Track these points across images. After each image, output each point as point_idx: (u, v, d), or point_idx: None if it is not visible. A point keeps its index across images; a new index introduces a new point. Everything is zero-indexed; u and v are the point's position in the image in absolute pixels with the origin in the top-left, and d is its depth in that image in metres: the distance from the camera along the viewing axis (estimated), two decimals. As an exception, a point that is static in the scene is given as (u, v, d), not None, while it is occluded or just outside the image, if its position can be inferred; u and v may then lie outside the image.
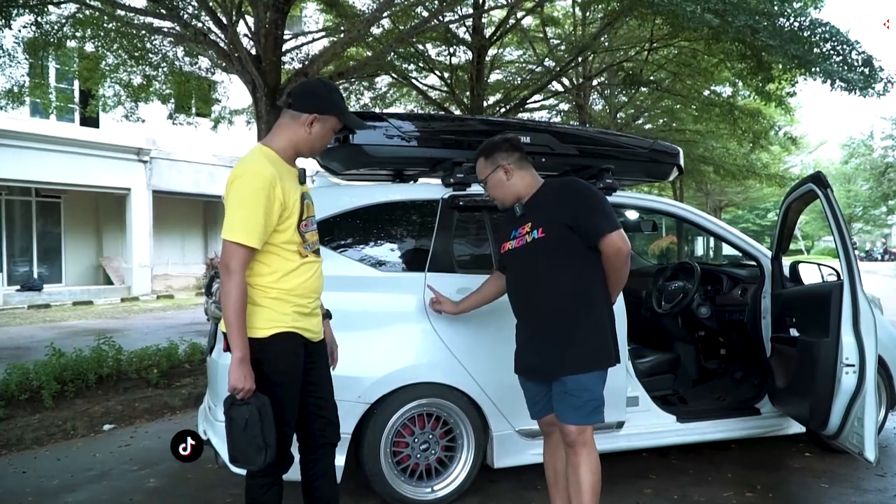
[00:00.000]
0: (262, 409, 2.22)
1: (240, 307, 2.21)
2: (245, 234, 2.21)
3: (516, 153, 2.77)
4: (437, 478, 3.38)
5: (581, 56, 12.23)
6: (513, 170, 2.74)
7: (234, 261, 2.21)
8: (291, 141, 2.40)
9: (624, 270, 2.64)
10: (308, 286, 2.41)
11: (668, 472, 3.91)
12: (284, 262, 2.35)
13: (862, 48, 7.17)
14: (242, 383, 2.19)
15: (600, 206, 2.59)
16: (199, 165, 18.99)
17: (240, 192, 2.23)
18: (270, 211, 2.25)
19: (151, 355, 6.39)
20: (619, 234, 2.55)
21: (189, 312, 13.87)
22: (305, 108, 2.38)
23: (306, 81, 2.51)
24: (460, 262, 3.56)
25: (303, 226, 2.39)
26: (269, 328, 2.31)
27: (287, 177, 2.35)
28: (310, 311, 2.44)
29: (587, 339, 2.58)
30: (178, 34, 7.94)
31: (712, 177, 20.01)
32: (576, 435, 2.59)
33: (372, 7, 9.60)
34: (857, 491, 3.61)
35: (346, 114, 2.48)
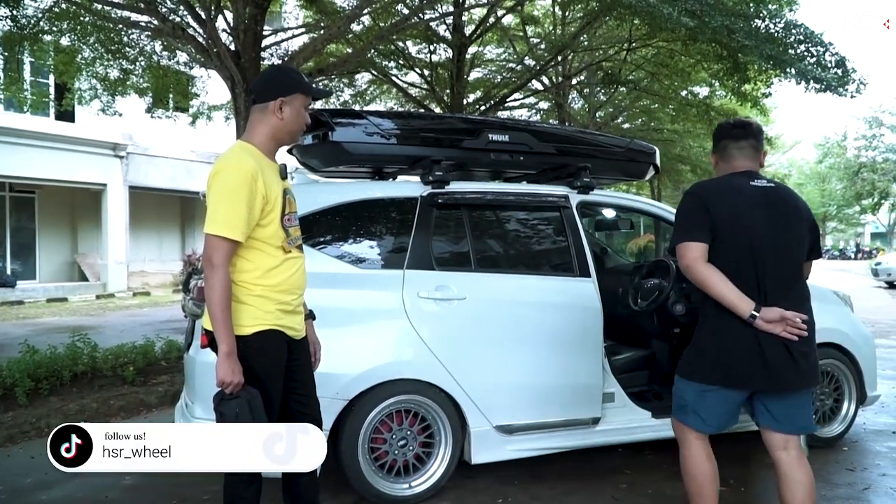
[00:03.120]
0: (251, 402, 2.22)
1: (224, 301, 2.21)
2: (228, 227, 2.21)
3: (723, 141, 2.74)
4: (414, 474, 3.40)
5: (560, 55, 12.31)
6: (719, 162, 2.77)
7: (217, 255, 2.21)
8: (268, 133, 2.41)
9: (696, 282, 2.55)
10: (292, 282, 2.42)
11: (642, 467, 3.96)
12: (268, 257, 2.35)
13: (835, 49, 7.32)
14: (230, 377, 2.20)
15: (675, 218, 2.68)
16: (176, 161, 18.80)
17: (221, 186, 2.24)
18: (253, 204, 2.26)
19: (127, 352, 6.33)
20: (680, 248, 2.56)
21: (166, 310, 13.75)
22: (269, 97, 2.39)
23: (261, 73, 2.52)
24: (439, 259, 3.57)
25: (286, 220, 2.39)
26: (252, 326, 2.31)
27: (269, 171, 2.36)
28: (293, 309, 2.45)
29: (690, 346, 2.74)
30: (156, 28, 7.86)
31: (689, 176, 20.27)
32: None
33: (352, 4, 9.60)
34: (828, 485, 3.68)
35: (309, 86, 2.48)
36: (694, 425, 2.70)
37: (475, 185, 3.88)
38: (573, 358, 3.68)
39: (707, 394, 2.62)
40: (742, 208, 2.52)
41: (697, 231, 2.52)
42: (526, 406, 3.58)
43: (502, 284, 3.66)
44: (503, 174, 4.46)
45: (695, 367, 2.65)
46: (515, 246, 4.12)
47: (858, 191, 44.37)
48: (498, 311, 3.58)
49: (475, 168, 4.03)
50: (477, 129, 3.84)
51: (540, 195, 3.93)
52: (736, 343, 2.50)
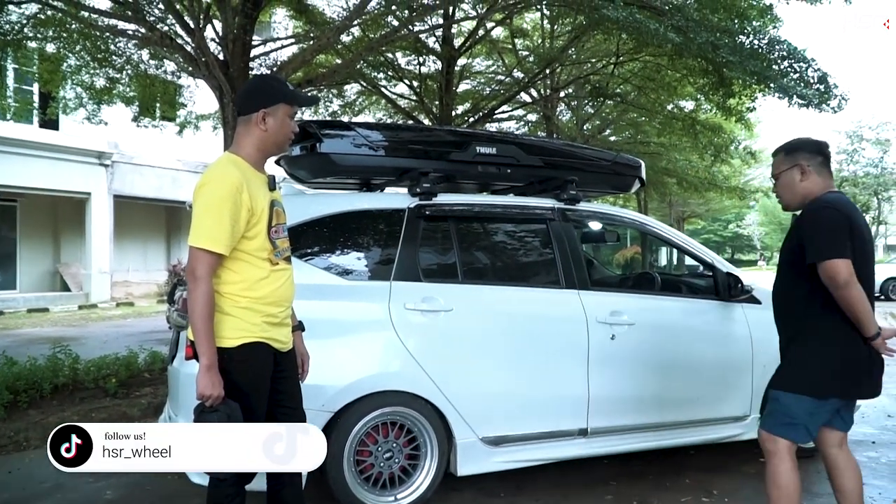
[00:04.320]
0: (232, 416, 2.21)
1: (207, 314, 2.20)
2: (211, 240, 2.21)
3: (819, 157, 2.71)
4: (400, 486, 3.38)
5: (549, 68, 12.41)
6: (809, 172, 2.70)
7: (200, 267, 2.21)
8: (254, 145, 2.40)
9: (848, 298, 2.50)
10: (279, 294, 2.40)
11: (628, 478, 3.97)
12: (254, 269, 2.34)
13: (817, 65, 7.43)
14: (210, 390, 2.19)
15: (818, 231, 2.57)
16: (162, 170, 18.70)
17: (206, 198, 2.24)
18: (237, 217, 2.25)
19: (110, 364, 6.26)
20: (833, 265, 2.49)
21: (150, 320, 13.63)
22: (252, 108, 2.39)
23: (244, 85, 2.52)
24: (426, 271, 3.58)
25: (273, 232, 2.38)
26: (237, 338, 2.30)
27: (255, 183, 2.35)
28: (280, 321, 2.43)
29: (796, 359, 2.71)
30: (144, 37, 7.84)
31: (675, 189, 20.42)
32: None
33: (342, 15, 9.63)
34: (809, 495, 3.70)
35: (292, 95, 2.47)
36: (799, 439, 2.72)
37: (463, 197, 3.90)
38: (559, 369, 3.69)
39: (822, 407, 2.66)
40: (866, 233, 2.63)
41: (845, 248, 2.50)
42: (512, 417, 3.58)
43: (489, 296, 3.67)
44: (490, 186, 4.48)
45: (812, 381, 2.63)
46: (502, 258, 4.14)
47: (841, 204, 44.77)
48: (485, 322, 3.59)
49: (463, 180, 4.05)
50: (464, 142, 3.87)
51: (527, 208, 3.94)
52: (857, 355, 2.60)
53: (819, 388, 2.62)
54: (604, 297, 3.91)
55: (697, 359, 4.06)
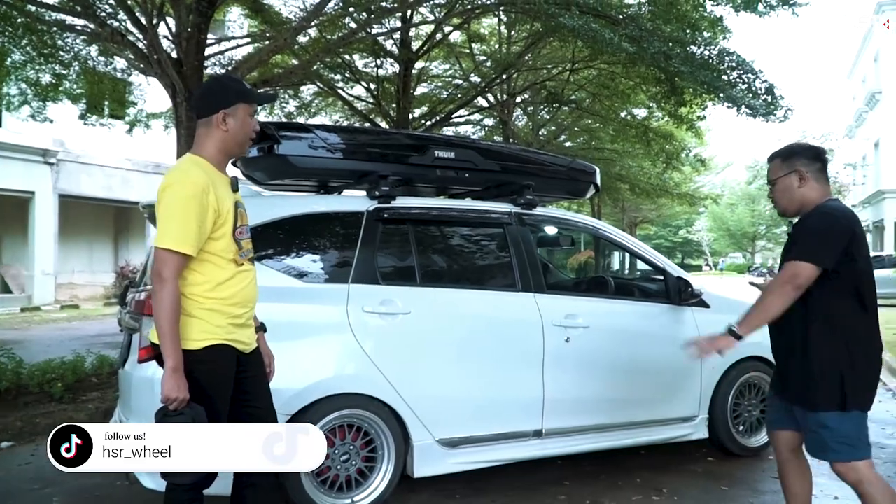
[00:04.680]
0: (196, 419, 2.19)
1: (173, 317, 2.19)
2: (178, 240, 2.19)
3: (817, 164, 2.66)
4: (357, 489, 3.38)
5: (506, 73, 12.53)
6: (808, 179, 2.64)
7: (166, 269, 2.19)
8: (215, 146, 2.39)
9: (783, 295, 2.52)
10: (244, 295, 2.40)
11: (581, 478, 4.04)
12: (219, 270, 2.33)
13: (765, 77, 7.69)
14: (176, 393, 2.17)
15: (810, 234, 2.54)
16: (111, 169, 18.24)
17: (171, 199, 2.22)
18: (204, 218, 2.24)
19: (55, 368, 6.08)
20: (797, 265, 2.48)
21: (96, 323, 13.27)
22: (211, 110, 2.38)
23: (201, 87, 2.49)
24: (384, 273, 3.59)
25: (238, 233, 2.38)
26: (202, 339, 2.29)
27: (220, 184, 2.35)
28: (244, 322, 2.43)
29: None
30: (93, 33, 7.64)
31: (628, 194, 20.85)
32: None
33: (299, 15, 9.56)
34: (755, 493, 3.84)
35: (250, 93, 2.48)
36: (869, 453, 2.52)
37: (421, 201, 3.92)
38: (515, 371, 3.74)
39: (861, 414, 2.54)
40: (864, 234, 2.61)
41: (829, 257, 2.47)
42: (469, 419, 3.61)
43: (447, 299, 3.70)
44: (448, 190, 4.52)
45: (860, 394, 2.49)
46: (460, 261, 4.18)
47: (786, 212, 46.28)
48: (442, 325, 3.62)
49: (421, 184, 4.07)
50: (423, 146, 3.89)
51: (485, 212, 3.99)
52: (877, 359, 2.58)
53: (866, 401, 2.50)
54: (559, 301, 3.97)
55: (649, 361, 4.15)
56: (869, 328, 2.53)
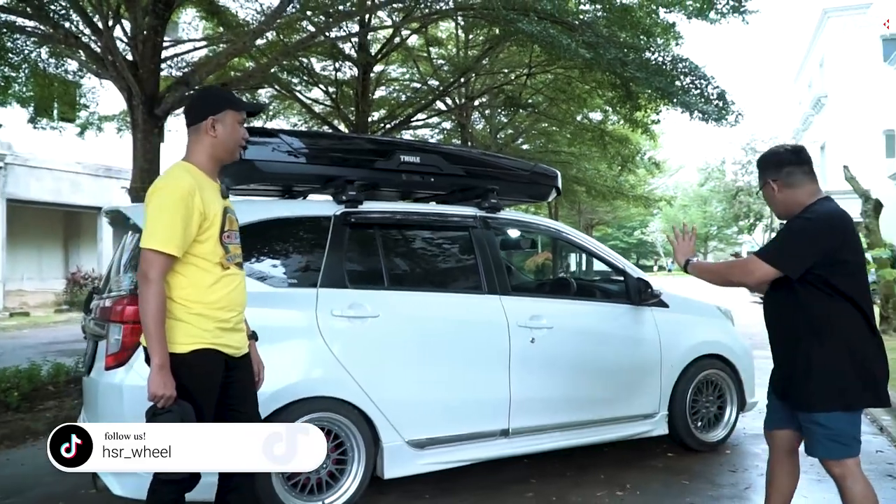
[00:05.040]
0: (184, 416, 2.22)
1: (159, 316, 2.23)
2: (163, 241, 2.24)
3: (786, 168, 2.62)
4: (327, 491, 3.39)
5: (464, 77, 12.64)
6: (781, 187, 2.63)
7: (152, 270, 2.23)
8: (206, 153, 2.45)
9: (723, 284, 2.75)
10: (231, 299, 2.43)
11: (547, 476, 4.13)
12: (205, 274, 2.37)
13: (717, 83, 7.95)
14: (163, 390, 2.20)
15: (783, 239, 2.58)
16: (61, 173, 17.77)
17: (158, 202, 2.28)
18: (189, 220, 2.29)
19: (10, 377, 5.94)
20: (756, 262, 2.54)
21: (48, 331, 12.93)
22: (199, 117, 2.45)
23: (190, 97, 2.53)
24: (352, 277, 3.61)
25: (225, 237, 2.43)
26: (189, 343, 2.32)
27: (208, 189, 2.40)
28: (232, 327, 2.45)
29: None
30: (45, 35, 7.48)
31: (584, 197, 21.20)
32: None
33: (258, 18, 9.49)
34: (713, 486, 3.97)
35: (239, 102, 2.56)
36: (858, 451, 2.53)
37: (388, 205, 3.96)
38: (482, 372, 3.81)
39: (858, 414, 2.56)
40: (857, 236, 2.59)
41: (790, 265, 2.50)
42: (437, 420, 3.67)
43: (414, 302, 3.75)
44: (412, 194, 4.57)
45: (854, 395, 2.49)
46: (427, 264, 4.24)
47: (736, 212, 47.64)
48: (410, 328, 3.66)
49: (387, 188, 4.11)
50: (389, 151, 3.93)
51: (450, 216, 4.05)
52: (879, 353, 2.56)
53: (851, 399, 2.50)
54: (524, 302, 4.05)
55: (611, 360, 4.27)
56: (863, 331, 2.52)
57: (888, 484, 3.90)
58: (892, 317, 10.83)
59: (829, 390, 2.48)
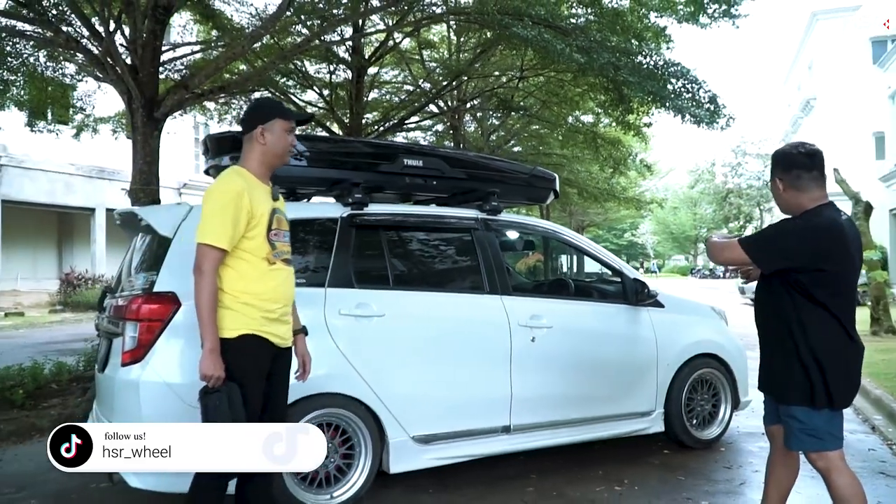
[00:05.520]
0: (231, 396, 2.38)
1: (211, 305, 2.43)
2: (215, 236, 2.45)
3: (794, 171, 2.66)
4: (335, 484, 3.50)
5: (456, 80, 12.73)
6: (788, 187, 2.68)
7: (206, 262, 2.45)
8: (257, 158, 2.66)
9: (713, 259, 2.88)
10: (277, 291, 2.61)
11: (546, 472, 4.23)
12: (253, 268, 2.56)
13: (708, 87, 8.07)
14: (213, 371, 2.38)
15: (768, 234, 2.74)
16: (55, 174, 17.79)
17: (211, 202, 2.50)
18: (238, 218, 2.49)
19: (13, 375, 6.01)
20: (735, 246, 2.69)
21: (45, 331, 12.94)
22: (251, 127, 2.67)
23: (246, 109, 2.82)
24: (359, 278, 3.71)
25: (272, 235, 2.61)
26: (236, 329, 2.50)
27: (258, 191, 2.60)
28: (277, 318, 2.62)
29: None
30: (46, 39, 7.52)
31: (576, 198, 21.30)
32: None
33: (252, 23, 9.56)
34: (709, 482, 4.09)
35: (286, 111, 2.77)
36: (837, 446, 2.61)
37: (393, 208, 4.07)
38: (484, 370, 3.92)
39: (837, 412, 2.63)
40: (854, 252, 2.63)
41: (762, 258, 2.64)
42: (441, 416, 3.77)
43: (419, 301, 3.86)
44: (413, 197, 4.67)
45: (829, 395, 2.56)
46: (431, 265, 4.34)
47: (726, 214, 48.02)
48: (415, 326, 3.77)
49: (391, 191, 4.21)
50: (393, 154, 4.04)
51: (453, 218, 4.16)
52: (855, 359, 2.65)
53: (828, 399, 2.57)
54: (524, 302, 4.16)
55: (608, 359, 4.38)
56: (841, 336, 2.59)
57: (881, 481, 4.02)
58: (884, 318, 10.99)
59: (801, 388, 2.59)
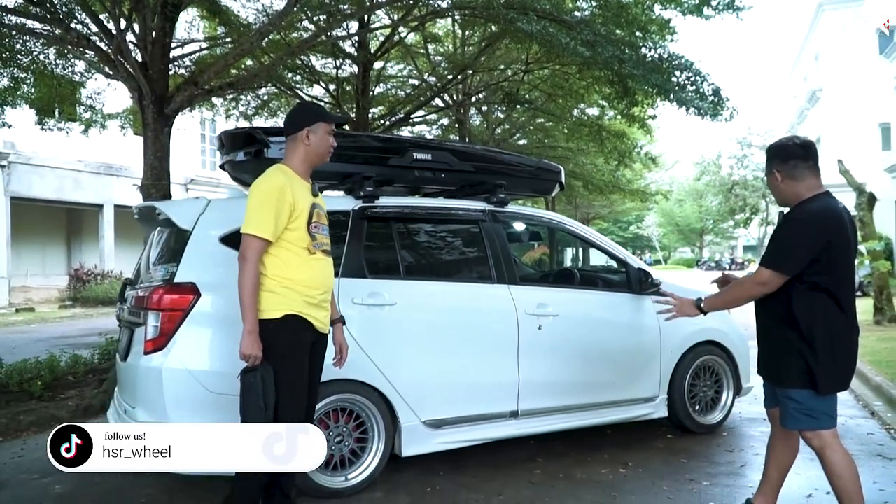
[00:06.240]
0: (265, 376, 2.59)
1: (252, 290, 2.65)
2: (259, 227, 2.72)
3: (791, 161, 2.75)
4: (350, 467, 3.62)
5: (461, 74, 12.81)
6: (785, 178, 2.76)
7: (249, 251, 2.68)
8: (300, 157, 2.92)
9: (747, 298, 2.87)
10: (316, 279, 2.85)
11: (553, 455, 4.35)
12: (294, 256, 2.80)
13: (712, 80, 8.14)
14: (251, 350, 2.59)
15: (781, 242, 2.73)
16: (63, 171, 17.94)
17: (256, 195, 2.75)
18: (281, 211, 2.73)
19: (31, 368, 6.16)
20: (764, 272, 2.70)
21: (56, 326, 13.11)
22: (297, 128, 2.92)
23: (290, 111, 3.06)
24: (371, 268, 3.83)
25: (312, 227, 2.84)
26: (280, 310, 2.73)
27: (299, 187, 2.84)
28: (317, 303, 2.86)
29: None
30: (56, 37, 7.63)
31: (581, 191, 21.36)
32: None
33: (259, 19, 9.66)
34: (711, 464, 4.20)
35: (328, 115, 3.02)
36: (831, 425, 2.72)
37: (403, 200, 4.18)
38: (492, 357, 4.03)
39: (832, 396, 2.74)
40: (851, 236, 2.73)
41: (793, 263, 2.67)
42: (451, 402, 3.90)
43: (429, 291, 3.98)
44: (421, 189, 4.77)
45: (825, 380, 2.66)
46: (440, 255, 4.46)
47: (732, 206, 47.93)
48: (425, 315, 3.90)
49: (401, 184, 4.33)
50: (403, 148, 4.15)
51: (461, 210, 4.27)
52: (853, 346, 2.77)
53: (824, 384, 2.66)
54: (531, 292, 4.27)
55: (613, 346, 4.49)
56: (839, 322, 2.69)
57: (878, 463, 4.11)
58: (887, 308, 11.05)
59: (798, 371, 2.69)
